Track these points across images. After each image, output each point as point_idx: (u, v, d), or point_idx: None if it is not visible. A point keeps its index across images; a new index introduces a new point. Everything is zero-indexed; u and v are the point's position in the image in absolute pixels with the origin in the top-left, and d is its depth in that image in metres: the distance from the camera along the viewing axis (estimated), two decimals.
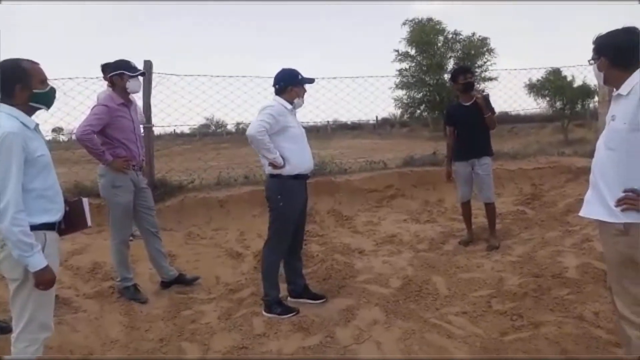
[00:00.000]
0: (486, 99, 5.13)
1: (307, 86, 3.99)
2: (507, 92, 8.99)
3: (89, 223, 2.76)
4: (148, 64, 6.11)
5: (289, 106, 3.83)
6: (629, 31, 2.39)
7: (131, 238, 5.47)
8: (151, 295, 4.33)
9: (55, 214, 2.51)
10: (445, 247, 5.35)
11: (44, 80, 2.48)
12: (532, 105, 18.25)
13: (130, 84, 4.15)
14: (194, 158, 8.13)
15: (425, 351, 3.19)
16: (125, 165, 4.08)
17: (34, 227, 2.37)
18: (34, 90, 2.43)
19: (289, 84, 3.84)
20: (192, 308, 4.06)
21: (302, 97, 3.93)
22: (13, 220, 2.26)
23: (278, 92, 3.87)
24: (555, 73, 17.56)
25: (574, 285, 3.96)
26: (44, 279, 2.38)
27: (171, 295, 4.31)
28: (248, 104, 6.06)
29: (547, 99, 19.15)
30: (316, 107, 7.85)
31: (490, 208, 5.29)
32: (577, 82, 17.64)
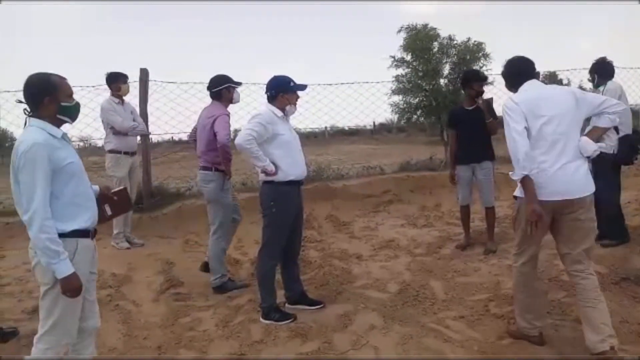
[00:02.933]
0: (489, 104, 5.15)
1: (303, 93, 4.01)
2: (502, 97, 8.99)
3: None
4: (144, 72, 6.14)
5: (280, 113, 3.84)
6: (507, 63, 3.31)
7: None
8: (149, 303, 4.32)
9: (87, 221, 2.55)
10: (442, 251, 5.36)
11: (70, 94, 2.58)
12: None
13: (235, 95, 4.62)
14: (192, 165, 8.11)
15: (422, 356, 3.19)
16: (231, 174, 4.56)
17: (65, 235, 2.43)
18: (62, 103, 2.52)
19: (280, 92, 3.85)
20: (189, 315, 4.05)
21: (295, 104, 3.94)
22: (41, 227, 2.32)
23: (270, 100, 3.89)
24: (551, 77, 17.66)
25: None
26: (70, 287, 2.42)
27: (169, 303, 4.30)
28: (244, 111, 6.07)
29: None
30: (313, 114, 7.83)
31: (490, 212, 5.31)
32: (573, 85, 17.71)
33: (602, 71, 5.08)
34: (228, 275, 4.62)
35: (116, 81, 5.61)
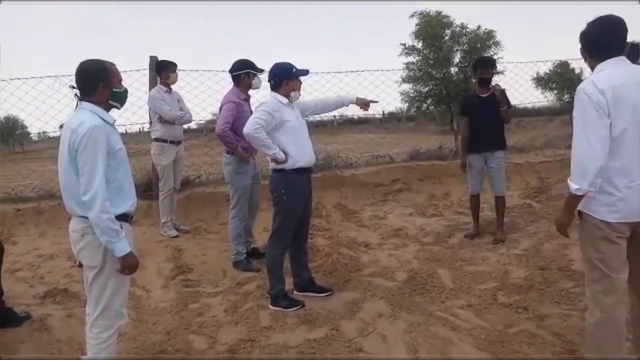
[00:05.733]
0: (503, 92, 5.11)
1: (313, 81, 4.00)
2: (514, 86, 8.90)
3: None
4: (153, 60, 6.13)
5: (285, 100, 3.84)
6: (595, 21, 2.49)
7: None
8: (158, 289, 4.37)
9: (131, 206, 2.66)
10: (450, 240, 5.35)
11: (120, 80, 2.67)
12: (540, 98, 18.12)
13: (255, 81, 4.72)
14: (201, 153, 8.14)
15: (430, 344, 3.20)
16: (248, 156, 4.65)
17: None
18: (114, 89, 2.60)
19: (284, 79, 3.85)
20: (199, 301, 4.09)
21: (299, 90, 3.94)
22: (102, 208, 2.41)
23: (273, 88, 3.88)
24: (563, 66, 17.41)
25: (579, 278, 3.94)
26: (129, 263, 2.53)
27: (178, 289, 4.34)
28: (254, 99, 6.07)
29: (555, 92, 19.02)
30: None
31: (500, 201, 5.28)
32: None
33: (631, 56, 4.90)
34: (245, 255, 4.79)
35: (166, 69, 5.59)
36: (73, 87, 2.60)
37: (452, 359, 3.06)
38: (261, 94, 4.78)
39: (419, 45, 9.37)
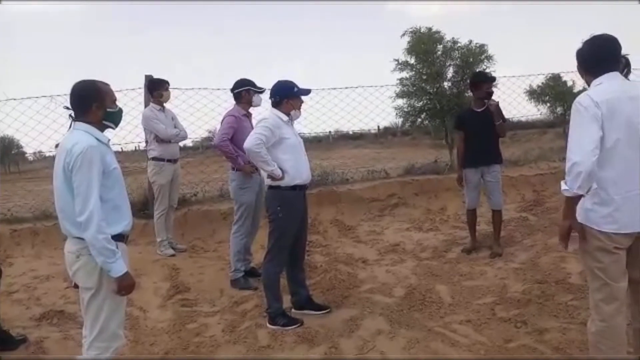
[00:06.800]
0: (497, 106, 5.16)
1: (307, 97, 4.04)
2: (507, 99, 8.97)
3: None
4: (148, 79, 6.15)
5: (285, 118, 3.87)
6: (590, 40, 2.61)
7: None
8: (155, 309, 4.34)
9: (126, 226, 2.65)
10: (448, 255, 5.35)
11: (114, 100, 2.68)
12: (533, 111, 18.28)
13: (255, 99, 4.84)
14: (197, 171, 8.16)
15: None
16: (252, 170, 4.61)
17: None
18: (108, 109, 2.62)
19: (285, 97, 3.88)
20: (196, 321, 4.07)
21: (299, 108, 3.97)
22: (98, 228, 2.40)
23: (274, 105, 3.91)
24: (555, 79, 17.59)
25: (577, 291, 3.95)
26: (126, 284, 2.53)
27: (175, 309, 4.32)
28: (252, 115, 6.11)
29: (548, 104, 19.20)
30: (317, 118, 7.83)
31: (497, 215, 5.29)
32: (578, 88, 17.62)
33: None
34: (243, 273, 4.79)
35: (158, 88, 5.58)
36: (67, 108, 2.62)
37: None
38: (262, 111, 4.86)
39: (412, 60, 9.46)
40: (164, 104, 5.66)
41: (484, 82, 5.22)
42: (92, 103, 2.56)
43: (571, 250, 2.84)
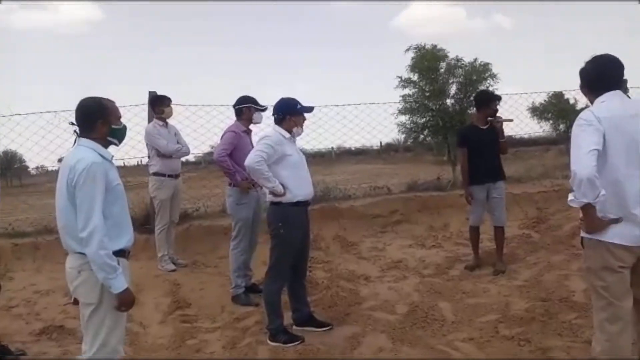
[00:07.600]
0: (501, 124, 5.19)
1: (310, 114, 4.06)
2: (509, 116, 8.99)
3: None
4: (152, 95, 6.18)
5: (287, 135, 3.88)
6: (593, 60, 2.68)
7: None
8: (156, 324, 4.31)
9: (128, 241, 2.66)
10: (451, 272, 5.32)
11: (119, 117, 2.72)
12: (536, 128, 18.32)
13: (256, 116, 4.86)
14: (199, 186, 8.16)
15: None
16: (249, 186, 4.64)
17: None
18: (112, 126, 2.64)
19: (287, 114, 3.90)
20: (196, 337, 4.03)
21: (301, 126, 3.99)
22: (100, 244, 2.41)
23: (277, 122, 3.93)
24: (558, 96, 17.68)
25: (581, 309, 3.92)
26: (126, 300, 2.53)
27: (176, 325, 4.29)
28: (252, 132, 6.13)
29: (551, 122, 19.27)
30: (320, 135, 7.87)
31: (500, 232, 5.27)
32: (580, 105, 17.68)
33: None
34: (244, 289, 4.78)
35: (160, 104, 5.62)
36: (72, 124, 2.65)
37: None
38: (262, 128, 4.89)
39: (415, 77, 9.52)
40: (167, 120, 5.70)
41: (491, 101, 5.28)
42: (97, 120, 2.59)
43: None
